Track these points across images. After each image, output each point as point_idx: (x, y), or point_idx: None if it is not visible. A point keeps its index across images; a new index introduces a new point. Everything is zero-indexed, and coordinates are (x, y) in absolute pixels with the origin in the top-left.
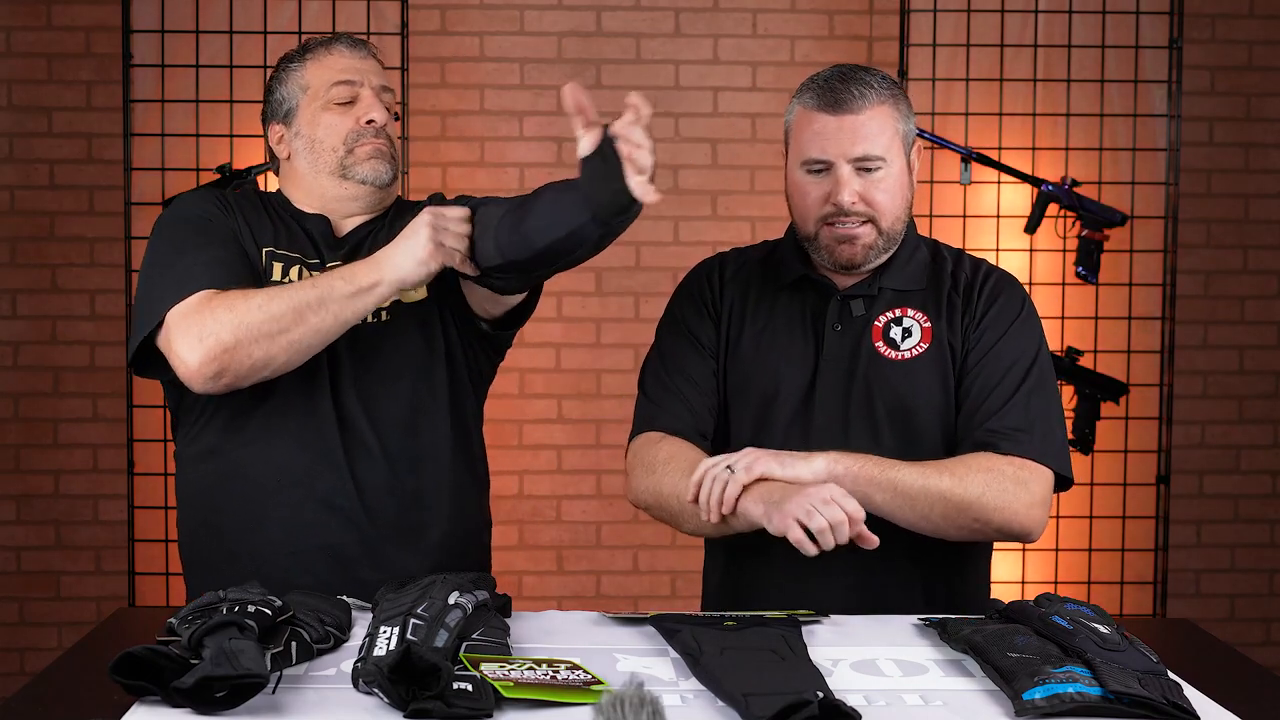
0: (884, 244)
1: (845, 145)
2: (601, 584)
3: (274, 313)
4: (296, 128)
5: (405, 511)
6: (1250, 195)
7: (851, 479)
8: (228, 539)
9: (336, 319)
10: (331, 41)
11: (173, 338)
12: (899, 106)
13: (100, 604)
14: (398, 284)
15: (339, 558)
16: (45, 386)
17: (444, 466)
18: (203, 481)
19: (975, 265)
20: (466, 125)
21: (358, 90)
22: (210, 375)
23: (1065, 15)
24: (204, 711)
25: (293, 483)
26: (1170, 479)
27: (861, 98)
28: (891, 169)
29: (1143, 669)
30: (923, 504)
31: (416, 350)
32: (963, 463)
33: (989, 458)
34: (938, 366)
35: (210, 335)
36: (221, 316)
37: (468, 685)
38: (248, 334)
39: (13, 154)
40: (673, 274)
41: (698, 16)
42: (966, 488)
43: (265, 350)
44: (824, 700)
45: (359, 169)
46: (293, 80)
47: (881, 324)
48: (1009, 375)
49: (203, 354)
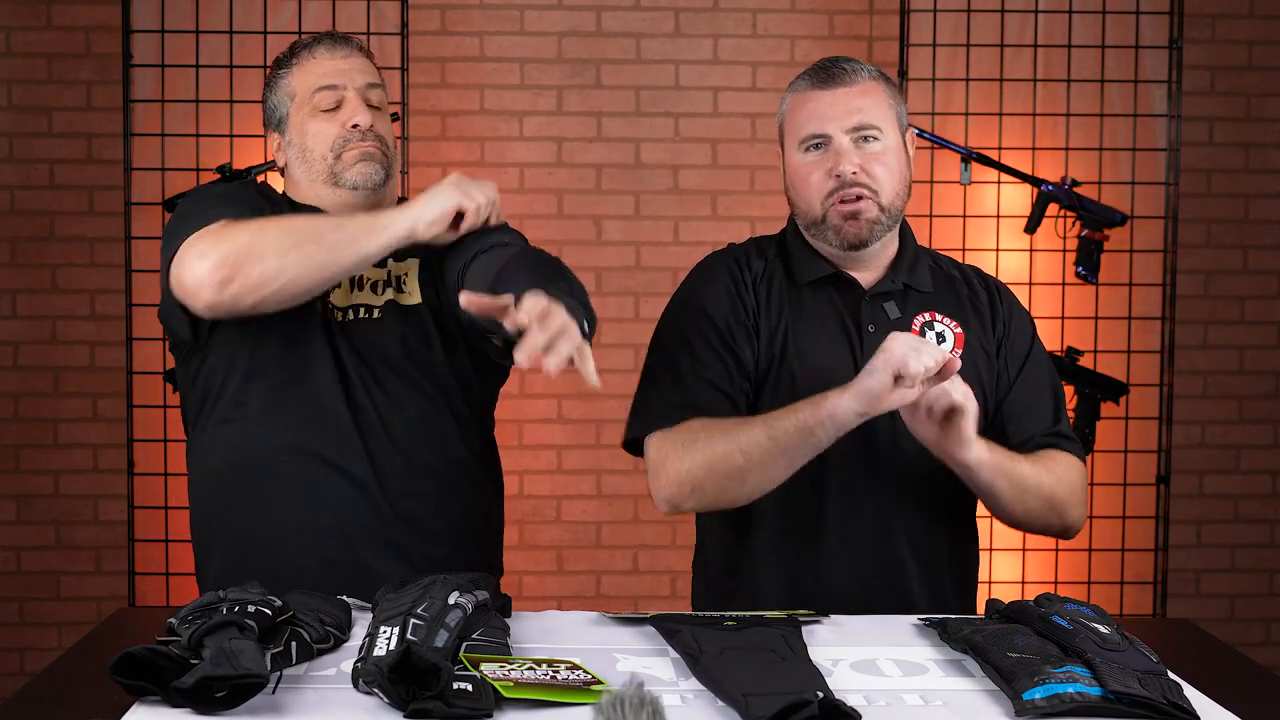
0: (887, 221)
1: (842, 116)
2: (601, 584)
3: (290, 227)
4: (289, 137)
5: (419, 499)
6: (1250, 195)
7: (993, 465)
8: (238, 522)
9: (350, 245)
10: (314, 44)
11: (188, 254)
12: (890, 89)
13: (100, 604)
14: (412, 221)
15: (347, 540)
16: (45, 386)
17: (457, 460)
18: (214, 464)
19: (979, 274)
20: (466, 125)
21: (342, 94)
22: (219, 281)
23: (1065, 15)
24: (204, 711)
25: (301, 464)
26: (1170, 479)
27: (854, 73)
28: (889, 143)
29: (1143, 669)
30: (1031, 498)
31: (416, 345)
32: (1057, 462)
33: (1068, 459)
34: (970, 372)
35: (225, 242)
36: (237, 230)
37: (468, 685)
38: (262, 242)
39: (13, 154)
40: (673, 274)
41: (698, 16)
42: (1057, 486)
43: (277, 261)
44: (824, 700)
45: (348, 174)
46: (281, 87)
47: (917, 327)
48: (1049, 381)
49: (216, 258)
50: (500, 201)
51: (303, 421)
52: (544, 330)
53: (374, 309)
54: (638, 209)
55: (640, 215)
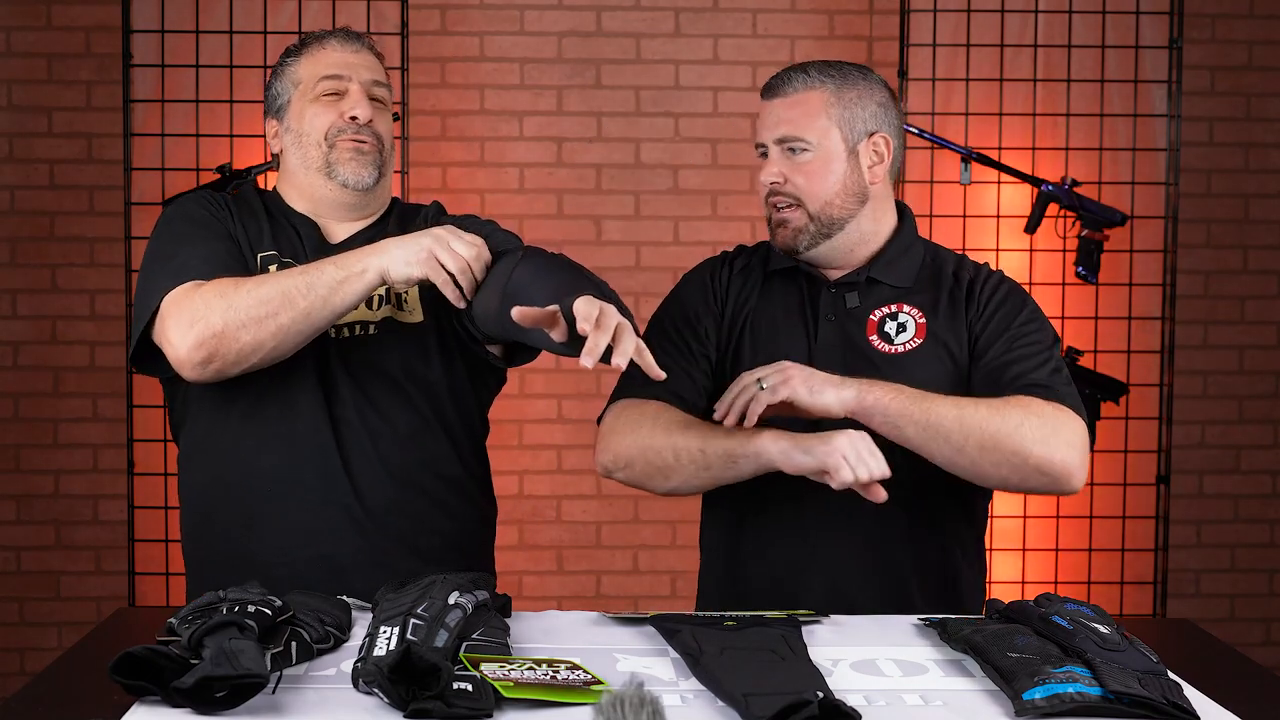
0: (815, 229)
1: (771, 127)
2: (601, 584)
3: (263, 297)
4: (287, 123)
5: (404, 520)
6: (1250, 195)
7: (882, 411)
8: (225, 543)
9: (325, 304)
10: (326, 36)
11: (166, 325)
12: (841, 94)
13: (100, 604)
14: (382, 272)
15: (334, 567)
16: (45, 386)
17: (448, 477)
18: (199, 484)
19: (977, 266)
20: (466, 125)
21: (346, 85)
22: (199, 361)
23: (1065, 15)
24: (204, 711)
25: (286, 491)
26: (1170, 479)
27: (789, 83)
28: (818, 153)
29: (1143, 669)
30: (958, 437)
31: (413, 363)
32: (1001, 400)
33: (1026, 399)
34: (931, 363)
35: (200, 320)
36: (212, 302)
37: (468, 685)
38: (236, 319)
39: (13, 154)
40: (673, 274)
41: (698, 16)
42: (1005, 419)
43: (254, 335)
44: (824, 700)
45: (340, 169)
46: (287, 75)
47: (877, 318)
48: (1036, 346)
49: (193, 339)
50: (481, 253)
51: (288, 443)
52: (604, 331)
53: (370, 325)
54: (638, 209)
55: (640, 215)
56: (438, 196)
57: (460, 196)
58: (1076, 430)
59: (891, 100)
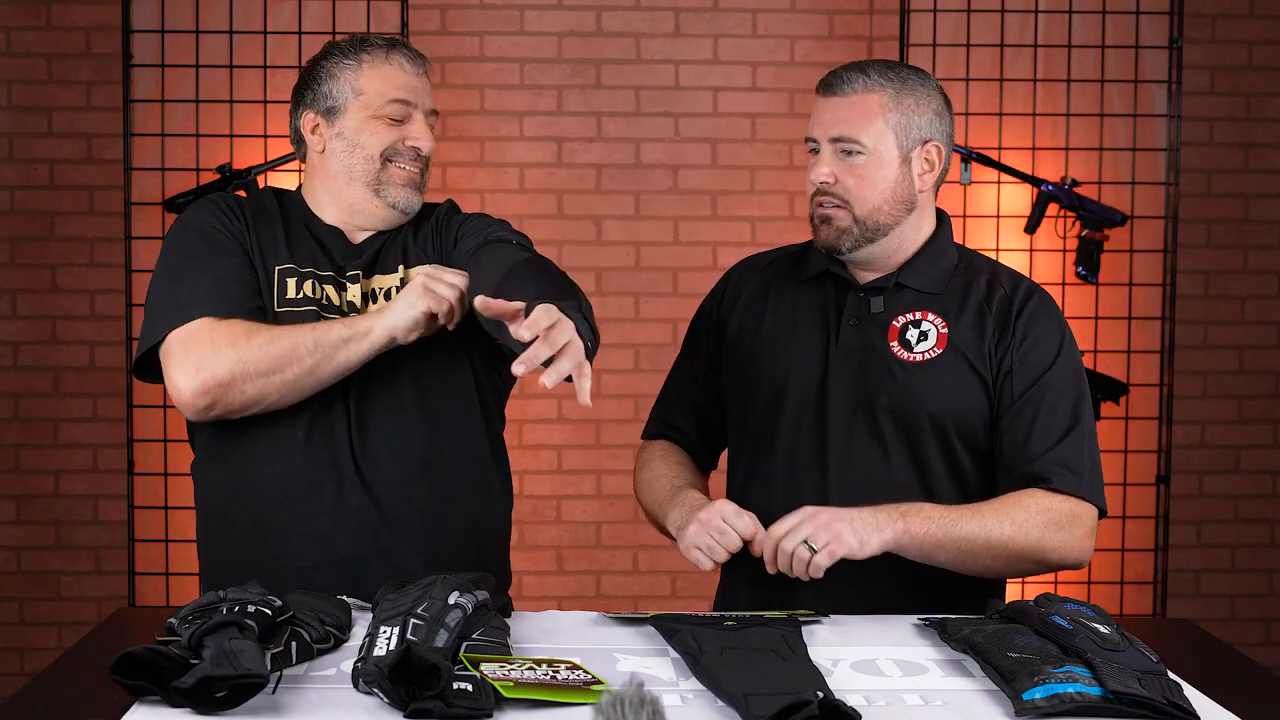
0: (860, 232)
1: (827, 125)
2: (601, 584)
3: (272, 354)
4: (340, 128)
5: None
6: (1250, 195)
7: (917, 546)
8: (240, 546)
9: (331, 362)
10: (391, 49)
11: (172, 363)
12: (900, 99)
13: (100, 604)
14: (389, 330)
15: (351, 571)
16: (45, 386)
17: (462, 480)
18: (214, 487)
19: (1014, 281)
20: (466, 125)
21: (411, 112)
22: (202, 406)
23: (1065, 15)
24: (204, 711)
25: (302, 495)
26: (1170, 479)
27: (849, 82)
28: (871, 157)
29: (1143, 669)
30: (985, 557)
31: (432, 360)
32: (1019, 506)
33: (1043, 496)
34: (950, 372)
35: (207, 369)
36: (222, 351)
37: (468, 685)
38: (244, 371)
39: (13, 154)
40: (673, 274)
41: (698, 16)
42: (1027, 534)
43: (259, 389)
44: (824, 700)
45: (392, 192)
46: (345, 79)
47: (900, 324)
48: (1059, 410)
49: (198, 384)
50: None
51: (303, 446)
52: (549, 344)
53: None
54: (638, 209)
55: (640, 215)
56: (438, 196)
57: (460, 197)
58: (1089, 522)
59: (946, 108)
